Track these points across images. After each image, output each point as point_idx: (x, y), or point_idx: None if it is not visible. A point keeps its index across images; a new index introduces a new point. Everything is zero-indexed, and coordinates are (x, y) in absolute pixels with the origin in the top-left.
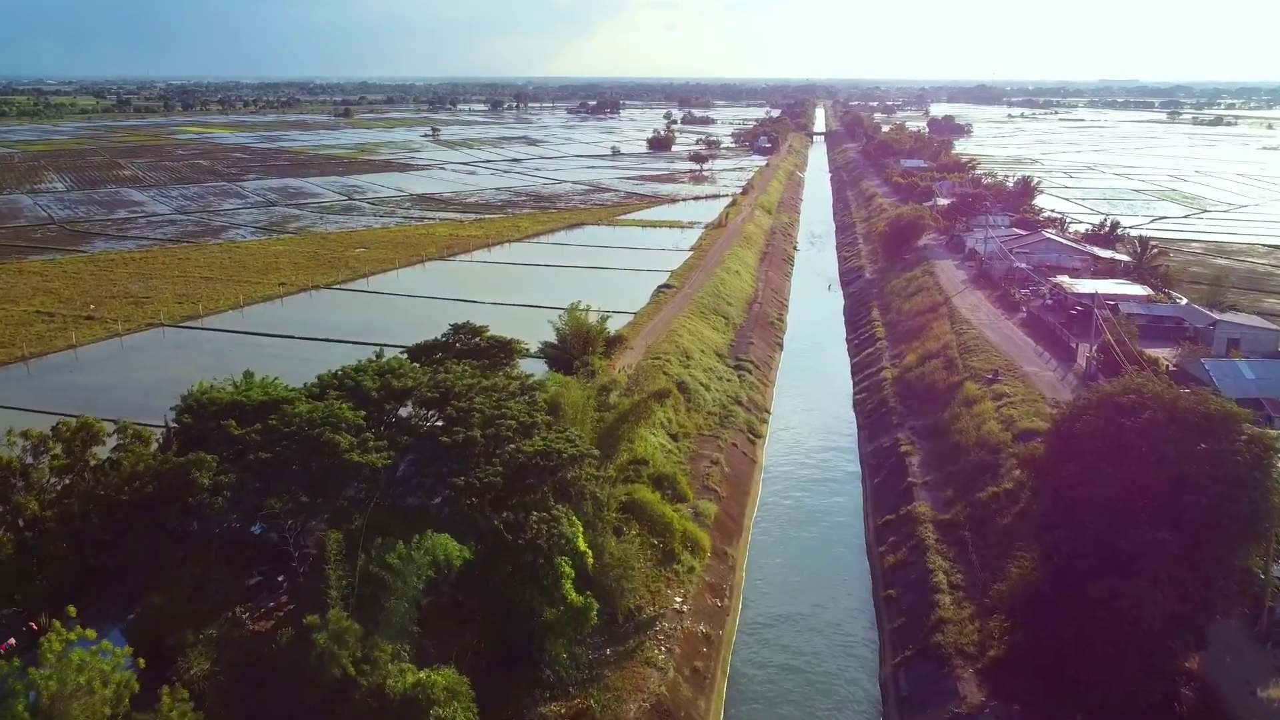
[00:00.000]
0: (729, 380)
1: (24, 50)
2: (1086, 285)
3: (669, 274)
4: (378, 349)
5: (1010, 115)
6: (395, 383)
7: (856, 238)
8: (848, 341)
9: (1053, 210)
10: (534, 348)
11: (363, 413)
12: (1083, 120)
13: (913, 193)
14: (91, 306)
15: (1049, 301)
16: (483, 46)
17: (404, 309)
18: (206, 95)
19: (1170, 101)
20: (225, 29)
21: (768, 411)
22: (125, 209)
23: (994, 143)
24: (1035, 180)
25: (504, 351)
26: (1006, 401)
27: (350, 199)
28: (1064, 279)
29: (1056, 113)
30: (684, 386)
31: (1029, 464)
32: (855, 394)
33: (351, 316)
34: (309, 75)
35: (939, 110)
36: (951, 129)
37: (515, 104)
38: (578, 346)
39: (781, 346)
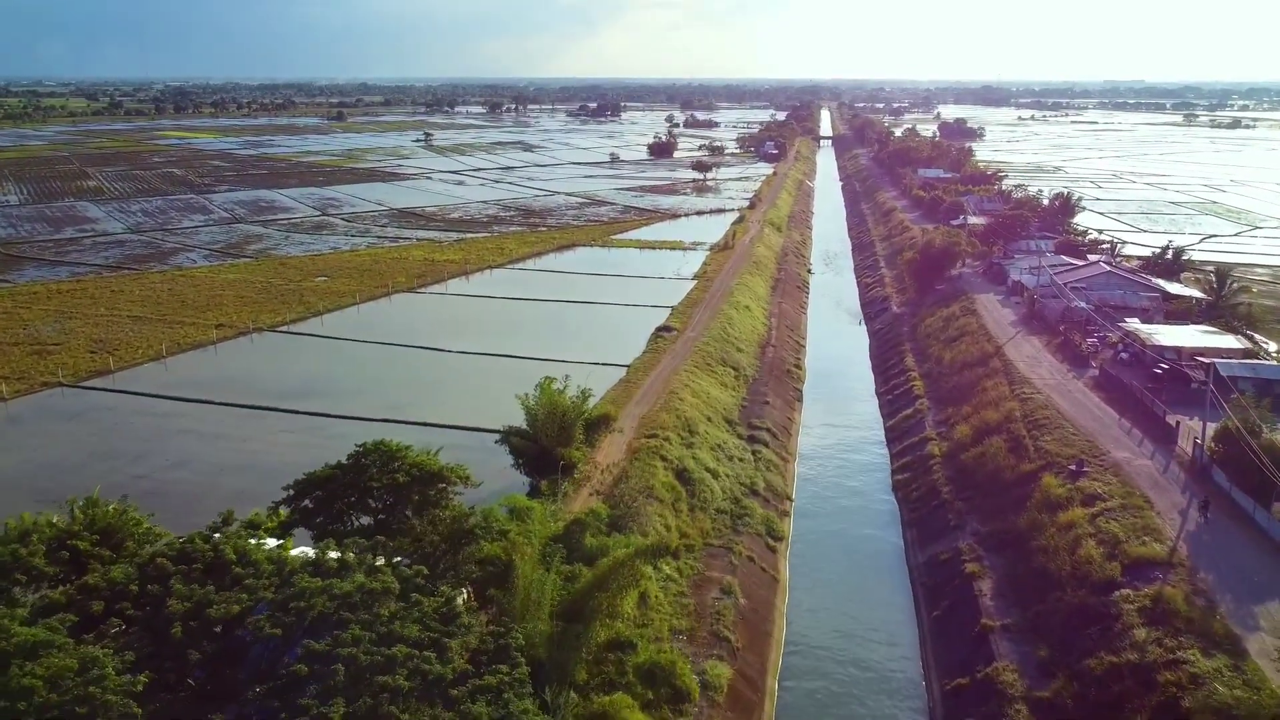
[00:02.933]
0: (742, 460)
1: (32, 52)
2: (1168, 334)
3: (669, 311)
4: (224, 513)
5: (1020, 118)
6: (214, 610)
7: (877, 260)
8: (879, 395)
9: (1097, 230)
10: (496, 424)
11: (144, 677)
12: (1095, 122)
13: (936, 208)
14: None
15: (1124, 355)
16: (485, 47)
17: (354, 358)
18: (201, 97)
19: (1182, 103)
20: (230, 30)
21: (789, 499)
22: (75, 226)
23: (1009, 148)
24: (1075, 196)
25: (432, 486)
26: (1102, 508)
27: (324, 214)
28: (1137, 325)
29: (1067, 115)
30: (686, 476)
31: None
32: (895, 473)
33: (291, 368)
34: (311, 76)
35: (948, 112)
36: (963, 132)
37: (514, 106)
38: (551, 433)
39: (801, 401)
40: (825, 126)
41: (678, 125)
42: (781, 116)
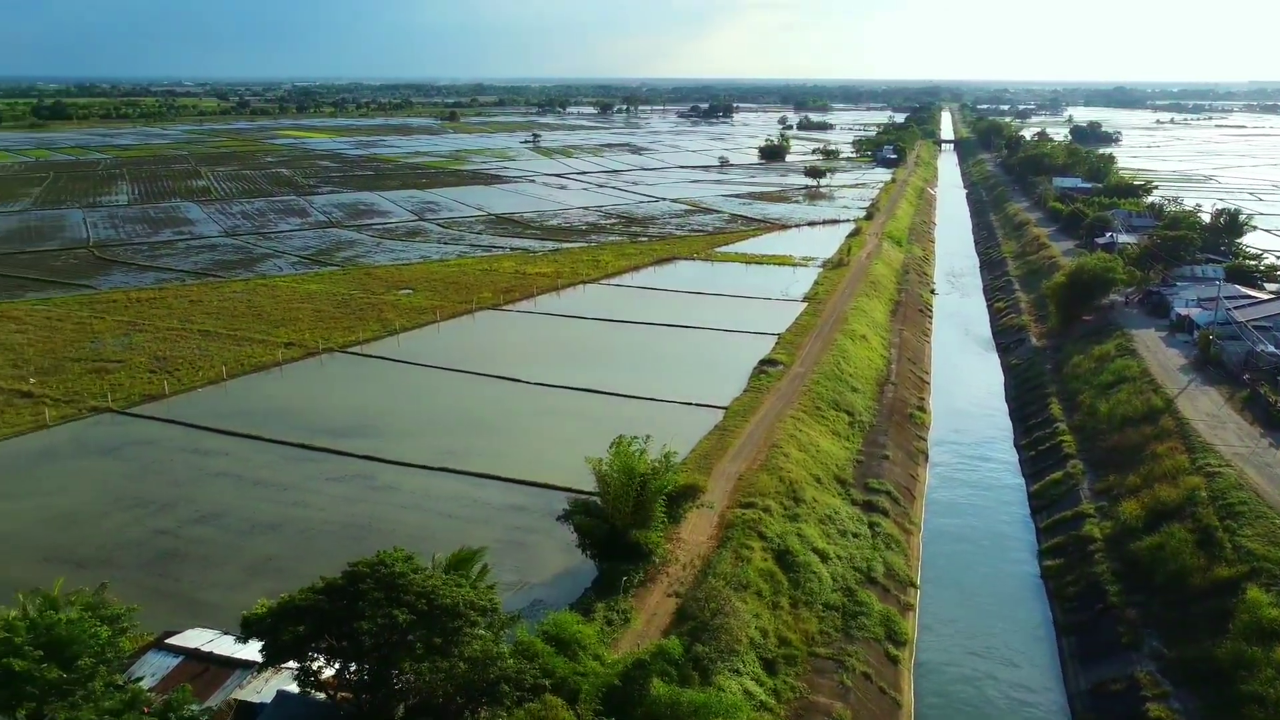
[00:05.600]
0: (857, 535)
1: (175, 54)
2: None
3: (775, 340)
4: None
5: (1159, 121)
6: None
7: (1010, 281)
8: (1018, 448)
9: (1277, 255)
10: (567, 480)
11: None
12: (1243, 126)
13: (1077, 223)
14: (31, 381)
15: None
16: (599, 47)
17: (423, 387)
18: (323, 97)
19: None
20: (355, 33)
21: (913, 585)
22: (173, 229)
23: (1149, 154)
24: (1245, 214)
25: (444, 625)
26: None
27: (421, 219)
28: None
29: (1210, 118)
30: (788, 560)
31: None
32: (1044, 556)
33: (353, 398)
34: (432, 76)
35: (1079, 115)
36: (1098, 137)
37: (625, 107)
38: (625, 510)
39: (927, 457)
40: (946, 129)
41: (790, 127)
42: (900, 119)
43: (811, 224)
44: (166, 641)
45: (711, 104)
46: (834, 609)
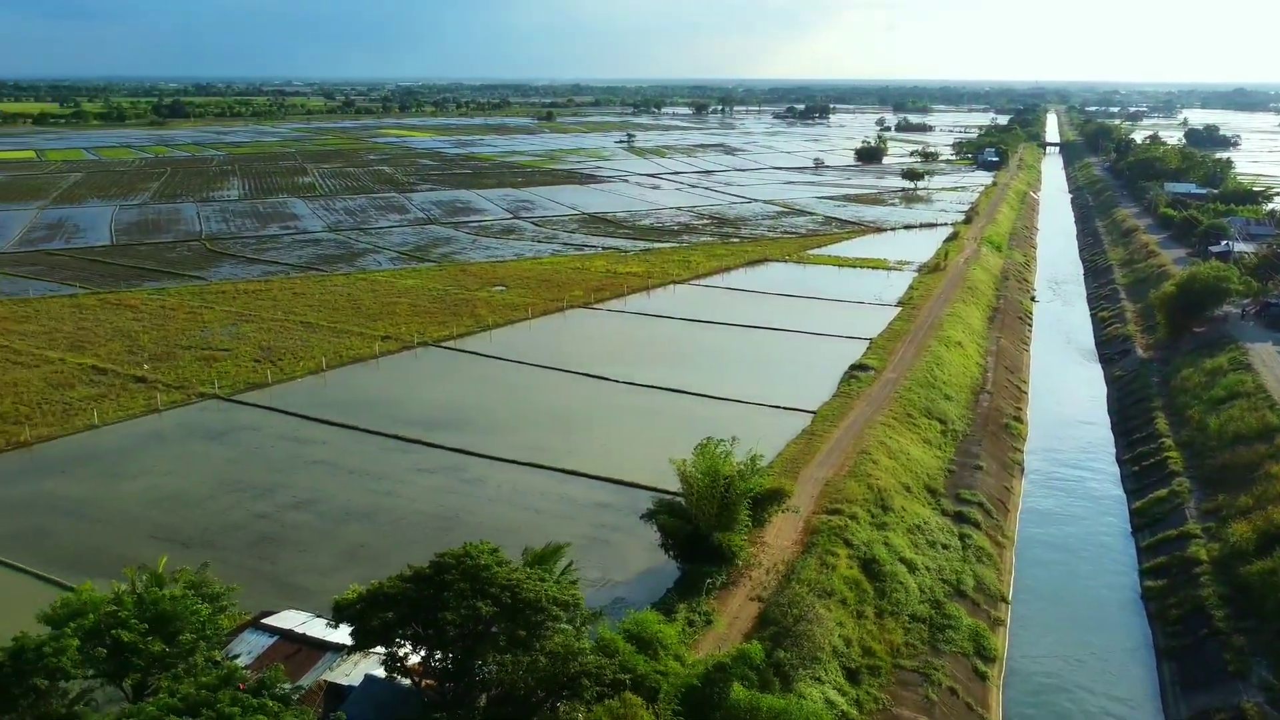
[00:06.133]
0: (946, 546)
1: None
2: None
3: (866, 344)
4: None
5: None
6: None
7: (1116, 290)
8: (1120, 463)
9: None
10: (652, 479)
11: None
12: None
13: (1189, 231)
14: (145, 367)
15: None
16: (696, 47)
17: (513, 382)
18: (425, 97)
19: None
20: (457, 35)
21: (1005, 600)
22: (279, 223)
23: (1271, 159)
24: None
25: (526, 618)
26: None
27: (516, 217)
28: None
29: None
30: (874, 568)
31: None
32: (1145, 575)
33: (445, 391)
34: (529, 77)
35: (1195, 118)
36: (1215, 141)
37: (720, 108)
38: (709, 512)
39: (1022, 469)
40: (1052, 132)
41: (888, 129)
42: (1003, 121)
43: (908, 227)
44: (262, 621)
45: (808, 105)
46: (920, 621)
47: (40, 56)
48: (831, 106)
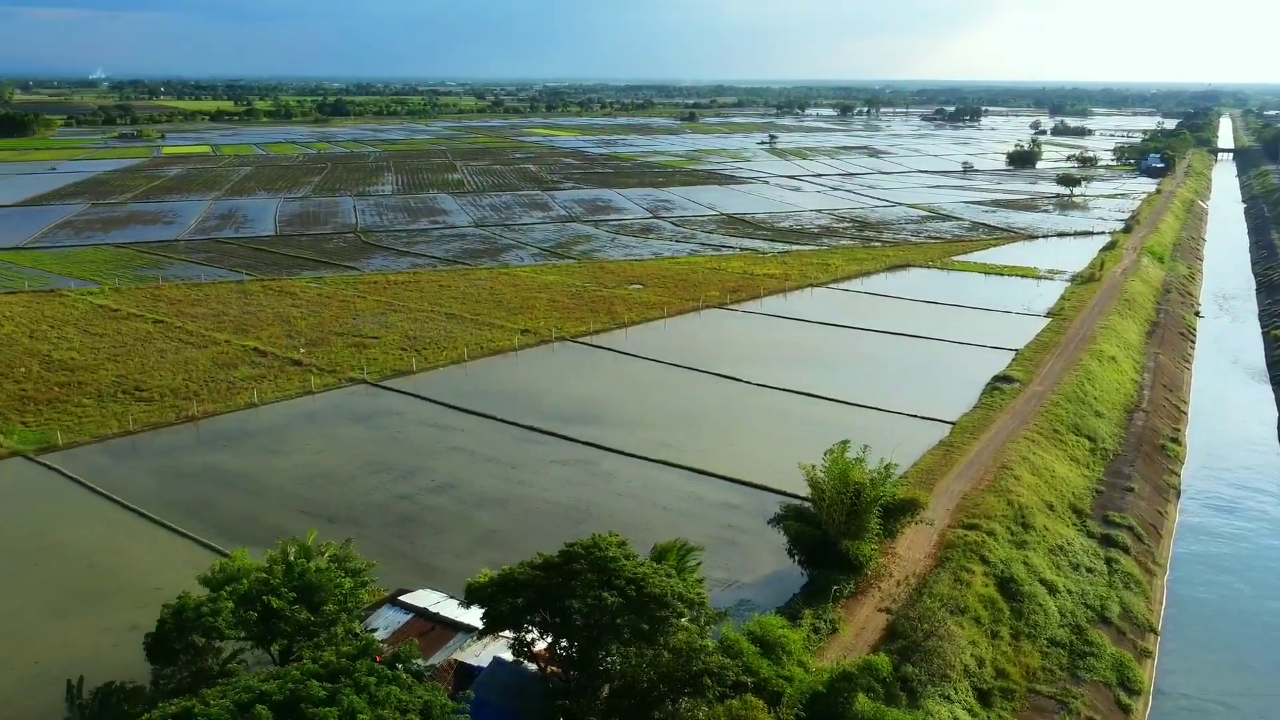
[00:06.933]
0: (1091, 570)
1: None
2: None
3: (1012, 355)
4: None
5: None
6: None
7: None
8: None
9: None
10: (782, 483)
11: None
12: None
13: None
14: (302, 350)
15: None
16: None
17: (646, 379)
18: (570, 97)
19: None
20: (602, 36)
21: (1153, 631)
22: (429, 218)
23: None
24: None
25: (651, 613)
26: None
27: (655, 216)
28: None
29: None
30: (1012, 588)
31: None
32: None
33: (581, 386)
34: (675, 77)
35: None
36: None
37: (866, 110)
38: (838, 519)
39: (1178, 494)
40: (1225, 137)
41: (1043, 132)
42: (1170, 125)
43: (1061, 235)
44: (399, 599)
45: (958, 107)
46: (1060, 645)
47: (220, 58)
48: (983, 109)
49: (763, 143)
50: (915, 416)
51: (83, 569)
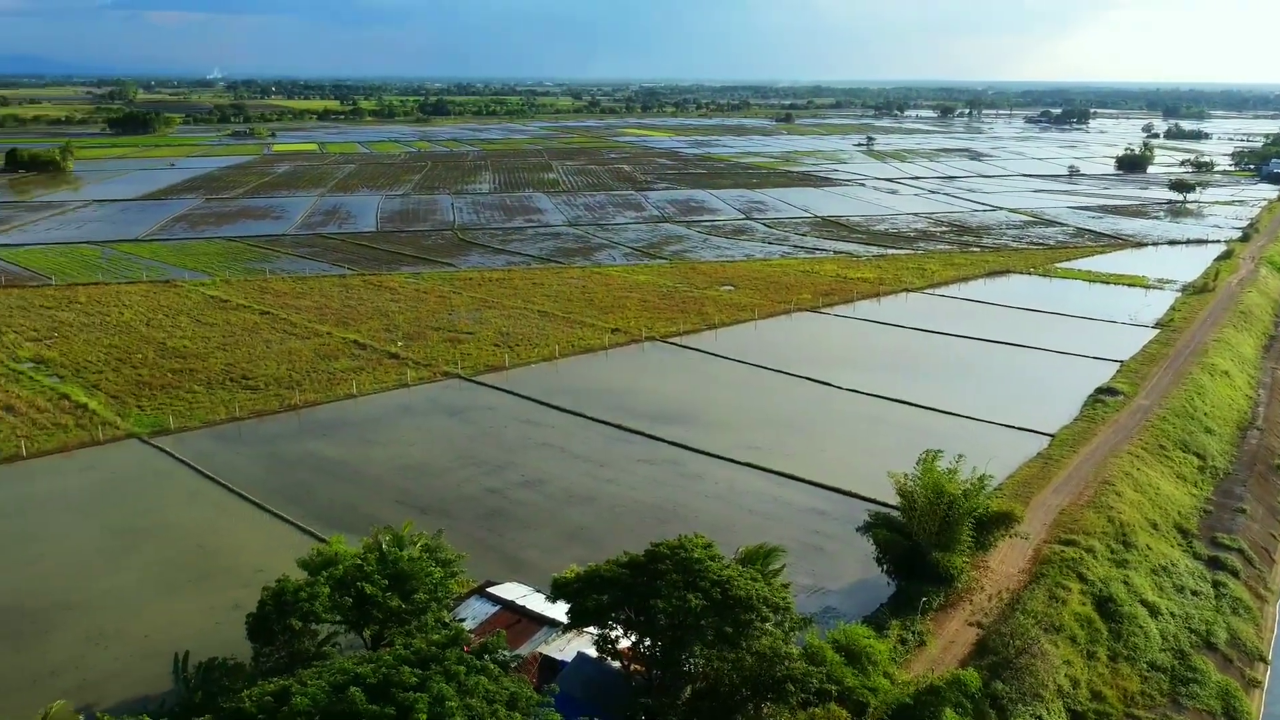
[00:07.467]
0: (1196, 593)
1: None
2: None
3: (1116, 367)
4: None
5: None
6: None
7: None
8: None
9: None
10: (871, 490)
11: None
12: None
13: None
14: (400, 344)
15: None
16: (944, 49)
17: (735, 381)
18: (666, 98)
19: None
20: (700, 36)
21: (1263, 660)
22: (524, 216)
23: None
24: None
25: (735, 616)
26: None
27: (748, 218)
28: None
29: None
30: (1110, 608)
31: None
32: None
33: (670, 386)
34: (771, 78)
35: None
36: None
37: (968, 111)
38: (929, 529)
39: None
40: None
41: (1156, 135)
42: None
43: (1172, 243)
44: (487, 590)
45: (1065, 109)
46: (1160, 670)
47: (328, 58)
48: (1091, 111)
49: (859, 144)
50: (1012, 427)
51: (191, 548)
